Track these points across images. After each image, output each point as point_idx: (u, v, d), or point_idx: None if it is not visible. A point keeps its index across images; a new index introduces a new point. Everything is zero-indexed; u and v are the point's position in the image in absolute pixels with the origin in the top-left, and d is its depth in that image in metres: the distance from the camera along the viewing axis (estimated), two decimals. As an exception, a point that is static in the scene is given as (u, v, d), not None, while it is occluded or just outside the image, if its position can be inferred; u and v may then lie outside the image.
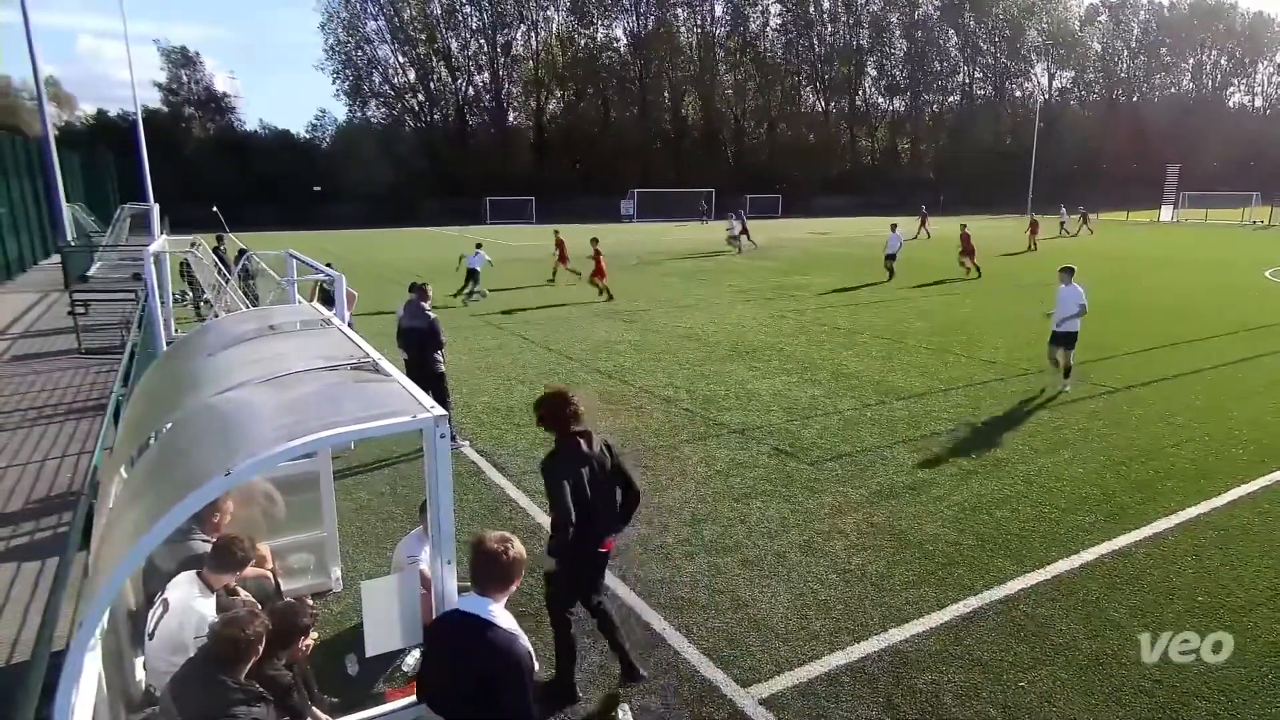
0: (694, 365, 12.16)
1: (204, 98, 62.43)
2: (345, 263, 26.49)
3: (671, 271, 25.38)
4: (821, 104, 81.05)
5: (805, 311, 17.21)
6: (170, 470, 2.85)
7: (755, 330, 15.02)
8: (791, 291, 20.48)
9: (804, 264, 24.12)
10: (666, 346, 13.54)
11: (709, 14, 76.35)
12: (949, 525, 6.57)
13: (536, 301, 18.90)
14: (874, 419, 9.40)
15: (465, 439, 8.66)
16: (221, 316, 7.18)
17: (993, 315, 16.73)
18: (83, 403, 10.14)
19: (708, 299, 19.19)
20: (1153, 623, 5.14)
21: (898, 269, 22.87)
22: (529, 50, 71.55)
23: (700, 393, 10.56)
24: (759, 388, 10.80)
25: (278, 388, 3.09)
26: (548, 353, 13.11)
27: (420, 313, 8.52)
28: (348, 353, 3.60)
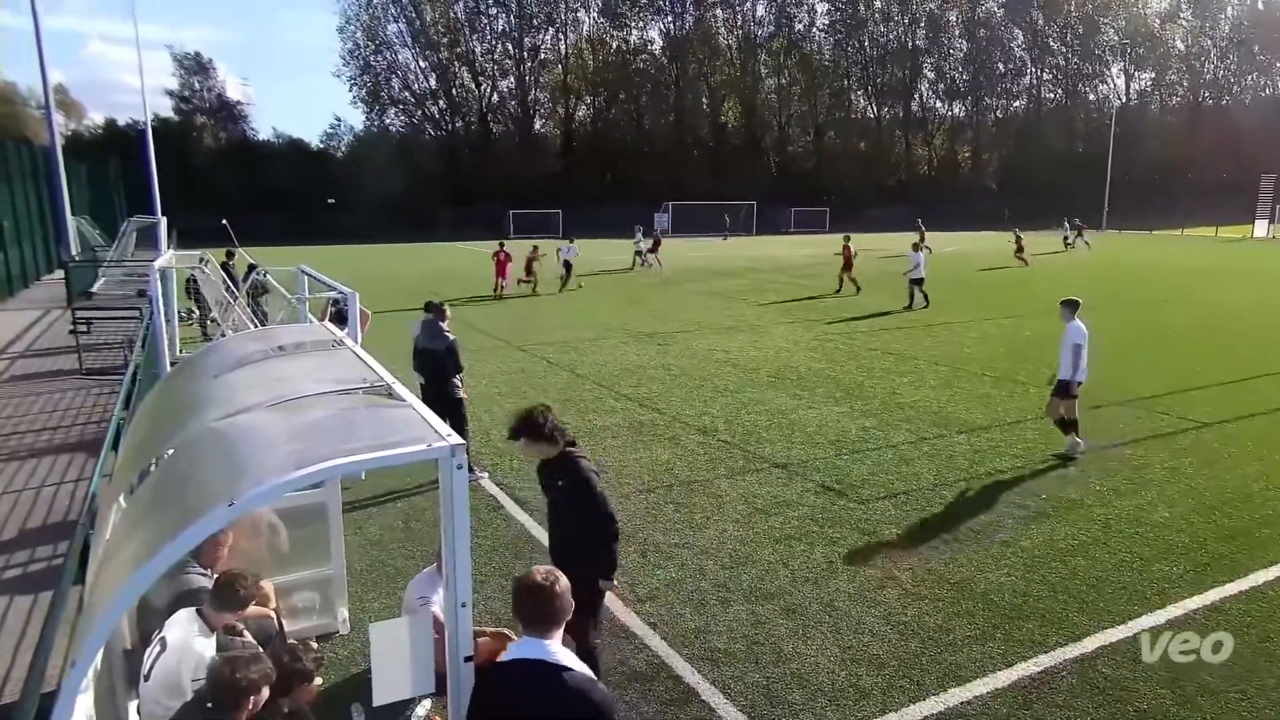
0: (732, 393, 12.10)
1: (216, 105, 64.53)
2: (359, 278, 26.90)
3: (709, 290, 25.41)
4: (873, 109, 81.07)
5: (855, 335, 17.08)
6: (170, 499, 2.90)
7: (800, 355, 14.93)
8: (838, 313, 20.34)
9: (865, 279, 24.03)
10: (703, 372, 13.51)
11: (750, 14, 77.09)
12: (1016, 574, 6.42)
13: (563, 322, 19.01)
14: (932, 454, 9.25)
15: (484, 470, 8.70)
16: (228, 336, 7.32)
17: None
18: (82, 426, 10.41)
19: (748, 320, 19.15)
20: (1250, 689, 4.95)
21: (929, 291, 21.67)
22: (557, 54, 72.84)
23: (739, 423, 10.50)
24: (804, 418, 10.71)
25: (285, 412, 3.13)
26: (574, 377, 13.15)
27: (438, 334, 8.63)
28: (360, 376, 3.65)
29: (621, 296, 23.83)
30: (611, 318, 19.57)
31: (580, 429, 10.20)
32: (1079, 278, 28.98)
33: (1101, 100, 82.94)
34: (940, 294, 23.30)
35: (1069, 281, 27.69)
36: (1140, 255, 40.69)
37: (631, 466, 8.87)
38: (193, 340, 14.59)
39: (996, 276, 29.43)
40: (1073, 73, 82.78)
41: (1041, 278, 28.79)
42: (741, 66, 76.18)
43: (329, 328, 5.13)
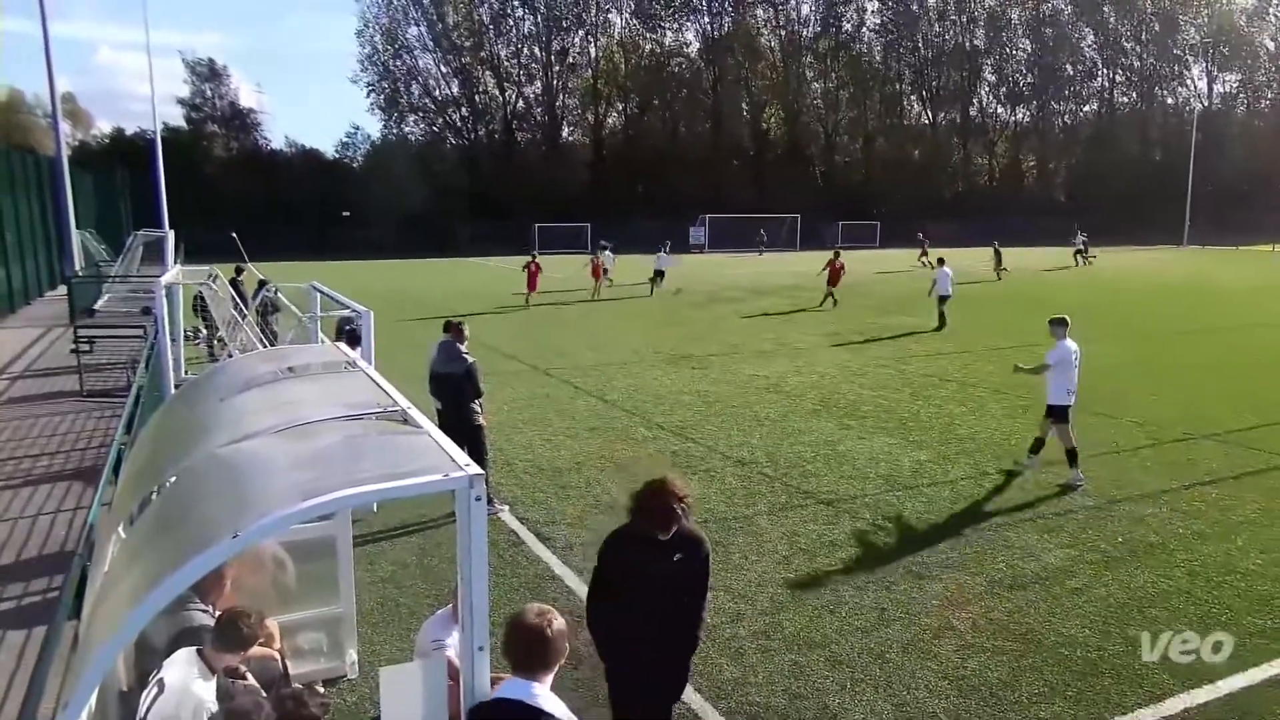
0: (774, 421, 12.04)
1: (228, 114, 66.21)
2: (374, 296, 27.32)
3: (748, 310, 25.38)
4: (928, 115, 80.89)
5: (909, 359, 16.93)
6: (172, 530, 2.94)
7: (848, 381, 14.83)
8: (892, 335, 20.20)
9: (906, 302, 23.78)
10: (742, 399, 13.47)
11: (794, 13, 77.50)
12: (1090, 625, 6.26)
13: (591, 345, 19.09)
14: (994, 491, 9.10)
15: (504, 503, 8.72)
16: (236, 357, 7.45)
17: (1145, 366, 16.14)
18: (81, 451, 10.63)
19: (791, 343, 19.08)
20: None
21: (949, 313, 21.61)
22: (587, 57, 73.73)
23: (782, 455, 10.43)
24: (853, 450, 10.61)
25: (294, 438, 3.17)
26: (602, 404, 13.18)
27: (456, 355, 8.69)
28: (373, 400, 3.69)
29: (654, 317, 23.89)
30: (643, 340, 19.61)
31: (609, 460, 10.20)
32: (1159, 298, 28.48)
33: (1181, 104, 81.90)
34: (1006, 316, 23.03)
35: (1147, 302, 27.22)
36: (1226, 273, 39.92)
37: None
38: (199, 361, 14.87)
39: (1070, 296, 29.02)
40: (1149, 74, 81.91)
41: (1115, 298, 28.35)
42: (784, 70, 76.49)
43: (341, 348, 5.20)
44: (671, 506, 4.17)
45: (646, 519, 4.22)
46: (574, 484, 9.36)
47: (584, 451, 10.57)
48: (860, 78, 77.13)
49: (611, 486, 9.22)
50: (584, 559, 7.42)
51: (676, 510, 4.18)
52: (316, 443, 3.13)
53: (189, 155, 57.88)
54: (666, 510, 4.17)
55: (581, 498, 8.93)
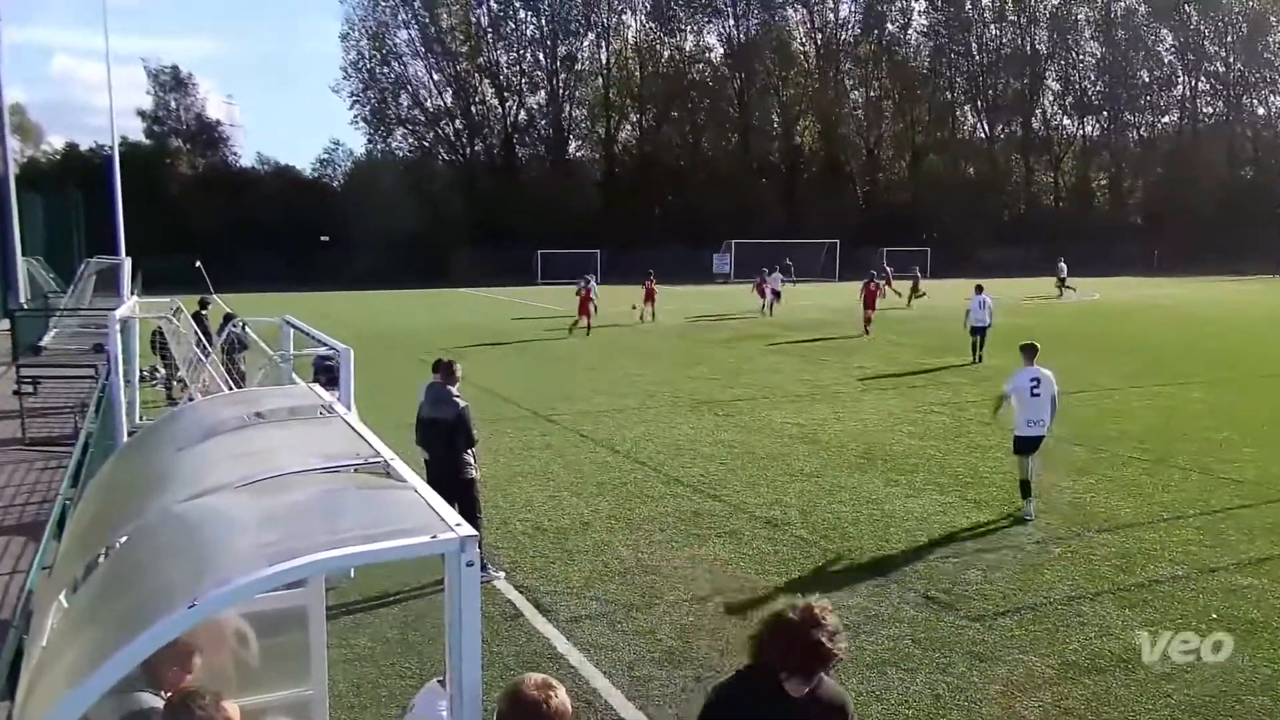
0: (810, 476, 11.97)
1: (194, 127, 67.39)
2: (356, 331, 27.57)
3: (781, 348, 25.38)
4: (984, 127, 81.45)
5: (964, 404, 16.84)
6: (120, 599, 2.93)
7: (895, 429, 14.75)
8: (944, 376, 20.12)
9: (961, 339, 23.71)
10: (772, 450, 13.41)
11: (831, 14, 78.48)
12: (1182, 716, 6.14)
13: (600, 386, 19.11)
14: (1066, 558, 8.99)
15: (499, 569, 8.68)
16: (198, 400, 7.49)
17: (1236, 414, 15.98)
18: (21, 507, 10.68)
19: (829, 386, 19.03)
20: None
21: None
22: (597, 64, 74.83)
23: (819, 514, 10.35)
24: (901, 509, 10.53)
25: (261, 493, 3.17)
26: (612, 454, 13.14)
27: (446, 399, 8.71)
28: (351, 450, 3.69)
29: (671, 356, 23.93)
30: (660, 381, 19.62)
31: (620, 519, 10.16)
32: (1251, 336, 28.29)
33: (1275, 115, 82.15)
34: (1076, 356, 22.91)
35: (1238, 341, 27.04)
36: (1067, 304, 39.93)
37: (684, 568, 8.77)
38: (156, 405, 14.97)
39: (1148, 332, 28.89)
40: (1236, 81, 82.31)
41: (1200, 335, 28.19)
42: (820, 77, 77.33)
43: (317, 391, 5.22)
44: (820, 644, 3.49)
45: (782, 657, 3.55)
46: (580, 547, 9.31)
47: (591, 510, 10.52)
48: (906, 85, 77.88)
49: (623, 550, 9.17)
50: (590, 634, 7.36)
51: (826, 649, 3.50)
52: (287, 498, 3.12)
53: (150, 173, 58.77)
54: (813, 650, 3.50)
55: (589, 563, 8.88)
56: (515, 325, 32.30)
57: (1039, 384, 10.41)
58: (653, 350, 25.05)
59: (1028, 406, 10.34)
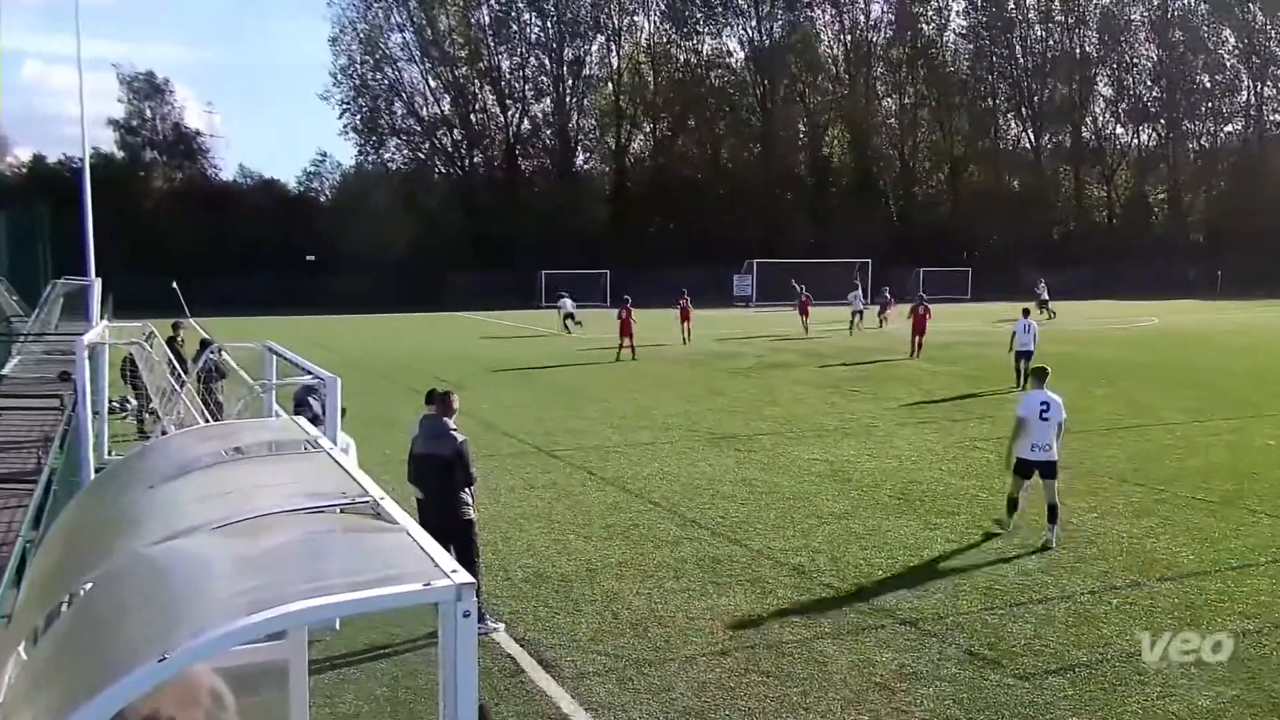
0: (840, 518, 11.91)
1: (170, 138, 68.14)
2: (345, 358, 27.65)
3: (808, 377, 25.36)
4: (1029, 137, 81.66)
5: (1006, 439, 16.73)
6: (85, 651, 2.93)
7: (934, 467, 14.69)
8: (987, 408, 20.04)
9: (1005, 368, 23.66)
10: (799, 489, 13.37)
11: (862, 14, 79.01)
12: (1254, 787, 6.04)
13: (611, 419, 19.11)
14: (1124, 609, 8.91)
15: (499, 620, 8.65)
16: (171, 434, 7.52)
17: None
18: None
19: (861, 419, 18.98)
20: None
21: None
22: (607, 69, 75.46)
23: (850, 561, 10.30)
24: (940, 555, 10.47)
25: (239, 536, 3.17)
26: (623, 494, 13.11)
27: (442, 433, 8.72)
28: (339, 488, 3.69)
29: (689, 385, 23.93)
30: (676, 413, 19.61)
31: (631, 565, 10.12)
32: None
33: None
34: (1132, 386, 22.84)
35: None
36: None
37: (701, 619, 8.72)
38: (127, 438, 15.03)
39: (1212, 361, 28.73)
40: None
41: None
42: (850, 82, 77.85)
43: (301, 424, 5.23)
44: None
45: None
46: (587, 596, 9.27)
47: (600, 555, 10.49)
48: (944, 92, 78.14)
49: (634, 600, 9.13)
50: (599, 692, 7.31)
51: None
52: (267, 541, 3.12)
53: (122, 187, 59.36)
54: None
55: (597, 614, 8.84)
56: (516, 352, 32.38)
57: (1049, 408, 11.14)
58: (667, 380, 25.05)
59: (1035, 430, 11.08)
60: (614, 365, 28.12)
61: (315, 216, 66.10)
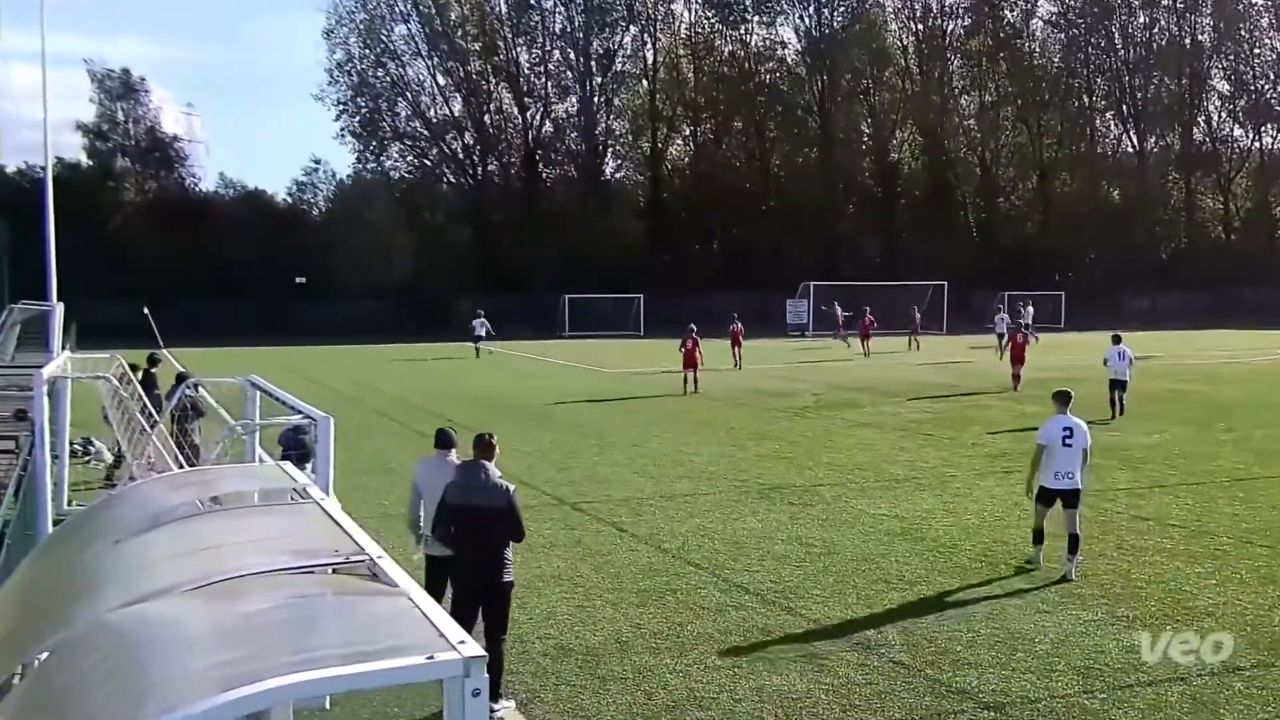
0: (911, 584, 11.81)
1: (145, 143, 69.25)
2: (339, 395, 27.83)
3: (874, 418, 25.22)
4: (1131, 140, 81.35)
5: (1110, 492, 16.57)
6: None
7: (1021, 524, 14.47)
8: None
9: (1103, 413, 23.44)
10: (863, 549, 13.28)
11: (935, 1, 78.79)
12: None
13: (643, 467, 19.09)
14: (1250, 695, 8.77)
15: (511, 697, 8.63)
16: (140, 481, 7.60)
17: None
18: (-79, 613, 10.82)
19: (936, 466, 18.83)
20: None
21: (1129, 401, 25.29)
22: (641, 64, 75.95)
23: (923, 634, 10.19)
24: (1031, 628, 10.33)
25: (217, 600, 3.19)
26: (658, 553, 13.06)
27: (488, 482, 8.67)
28: (331, 545, 3.71)
29: (734, 427, 23.87)
30: (719, 459, 19.56)
31: (667, 637, 10.06)
32: None
33: None
34: (1258, 432, 22.54)
35: None
36: None
37: (748, 701, 8.65)
38: (90, 485, 15.18)
39: None
40: None
41: None
42: (922, 78, 77.88)
43: (287, 471, 5.27)
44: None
45: None
46: (616, 673, 9.22)
47: (631, 625, 10.44)
48: (1031, 88, 78.01)
49: (670, 678, 9.07)
50: (630, 786, 7.25)
51: None
52: (248, 606, 3.14)
53: (90, 199, 60.31)
54: None
55: (627, 694, 8.79)
56: (533, 387, 32.45)
57: (1072, 434, 12.02)
58: (709, 420, 25.00)
59: (1058, 457, 12.00)
60: (646, 403, 28.14)
61: (306, 233, 66.76)
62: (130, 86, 68.91)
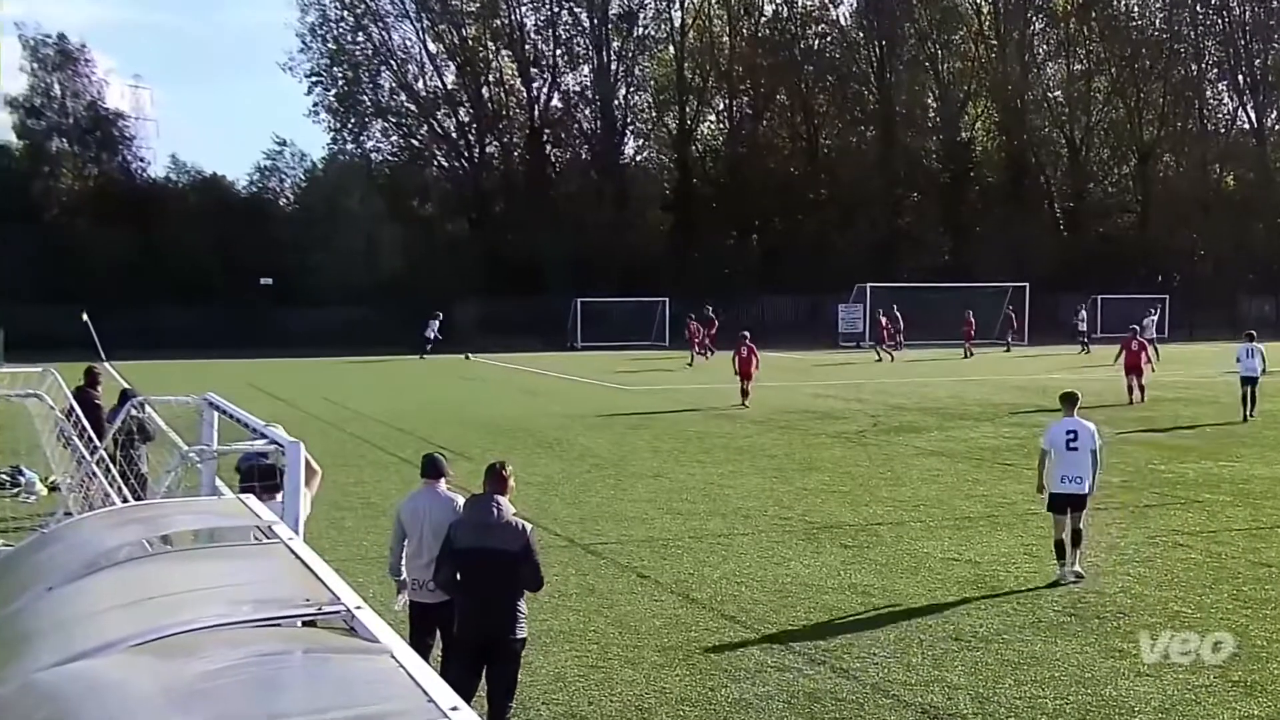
0: (986, 640, 11.76)
1: (86, 122, 69.20)
2: (309, 416, 27.83)
3: (942, 445, 25.15)
4: (1249, 116, 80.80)
5: (1224, 532, 16.48)
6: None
7: (1116, 571, 14.47)
8: (1193, 489, 19.72)
9: (1219, 432, 23.26)
10: (928, 597, 13.26)
11: (1015, -48, 78.66)
12: None
13: (666, 502, 19.07)
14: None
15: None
16: (78, 517, 7.63)
17: None
18: None
19: (1016, 502, 18.73)
20: None
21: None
22: (667, 28, 75.94)
23: (1002, 700, 10.15)
24: (1128, 694, 10.27)
25: (168, 658, 3.20)
26: (685, 604, 13.05)
27: (502, 521, 8.65)
28: (300, 593, 3.72)
29: (776, 454, 23.82)
30: (757, 493, 19.54)
31: (697, 703, 10.04)
32: None
33: None
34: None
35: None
36: None
37: None
38: (21, 522, 15.23)
39: None
40: None
41: None
42: (999, 43, 77.55)
43: (250, 505, 5.28)
44: None
45: None
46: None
47: (655, 689, 10.42)
48: (1129, 55, 77.54)
49: (702, 751, 9.04)
50: None
51: None
52: (204, 665, 3.14)
53: (20, 188, 60.54)
54: None
55: (649, 770, 8.77)
56: (539, 408, 32.48)
57: (1076, 436, 13.66)
58: (745, 447, 24.97)
59: (1064, 461, 13.66)
60: (671, 426, 28.14)
61: (273, 226, 66.54)
62: (68, 55, 68.87)
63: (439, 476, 9.91)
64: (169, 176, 71.32)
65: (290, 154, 73.39)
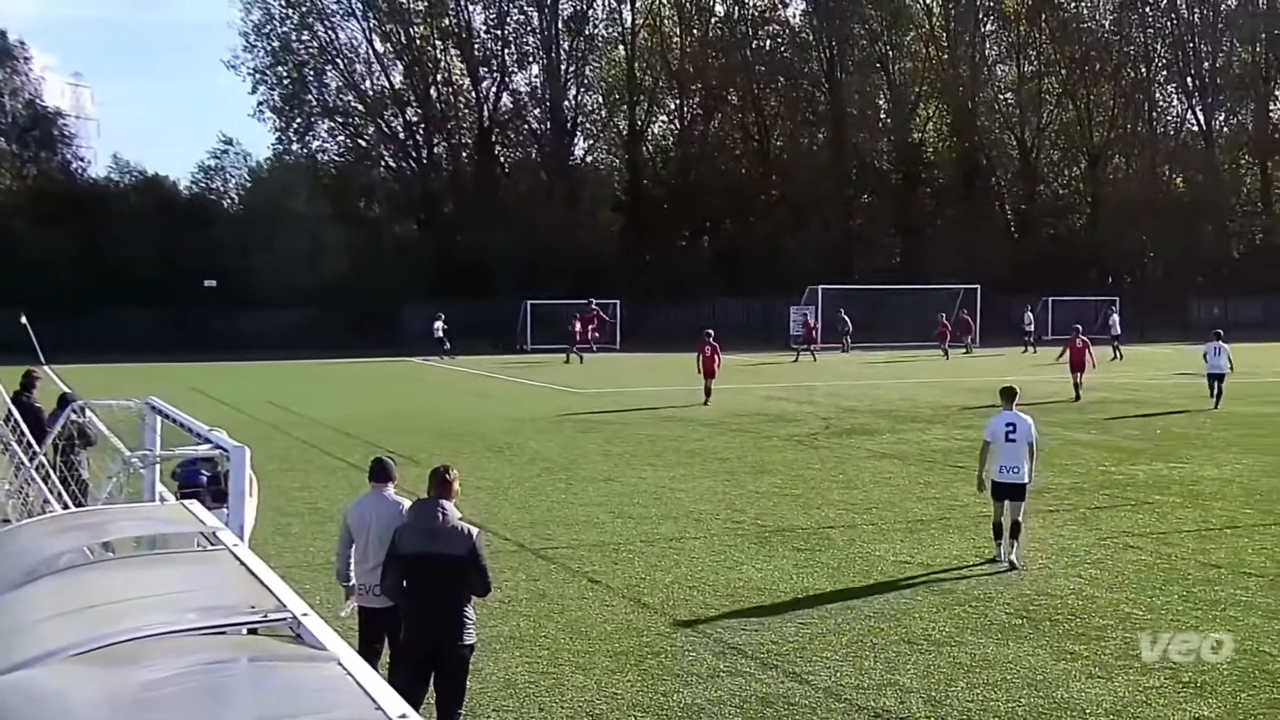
0: (939, 644, 11.82)
1: (24, 120, 68.59)
2: (253, 420, 27.64)
3: (894, 447, 25.27)
4: (1198, 118, 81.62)
5: (1175, 534, 16.64)
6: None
7: (1069, 573, 14.56)
8: (1147, 492, 19.93)
9: (1168, 435, 23.50)
10: (882, 604, 13.31)
11: (965, -47, 79.14)
12: None
13: (618, 506, 19.06)
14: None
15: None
16: (15, 525, 7.55)
17: None
18: None
19: (968, 505, 18.79)
20: None
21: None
22: (618, 26, 75.99)
23: (954, 703, 10.17)
24: (1081, 697, 10.32)
25: (110, 667, 3.17)
26: (637, 609, 13.06)
27: (447, 526, 8.60)
28: (245, 599, 3.69)
29: (728, 458, 23.86)
30: (709, 497, 19.55)
31: (650, 709, 10.04)
32: None
33: None
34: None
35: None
36: None
37: None
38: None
39: None
40: None
41: None
42: (950, 44, 78.05)
43: (194, 511, 5.24)
44: None
45: None
46: (588, 752, 9.19)
47: (606, 695, 10.41)
48: (1079, 57, 78.16)
49: (654, 757, 9.04)
50: None
51: None
52: (148, 674, 3.12)
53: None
54: None
55: (601, 777, 8.75)
56: (488, 411, 32.41)
57: (1014, 429, 14.69)
58: (697, 450, 24.99)
59: (1003, 452, 14.68)
60: (623, 430, 28.15)
61: (217, 227, 66.09)
62: (6, 51, 68.36)
63: (387, 480, 9.85)
64: (110, 176, 71.02)
65: (235, 153, 73.20)
